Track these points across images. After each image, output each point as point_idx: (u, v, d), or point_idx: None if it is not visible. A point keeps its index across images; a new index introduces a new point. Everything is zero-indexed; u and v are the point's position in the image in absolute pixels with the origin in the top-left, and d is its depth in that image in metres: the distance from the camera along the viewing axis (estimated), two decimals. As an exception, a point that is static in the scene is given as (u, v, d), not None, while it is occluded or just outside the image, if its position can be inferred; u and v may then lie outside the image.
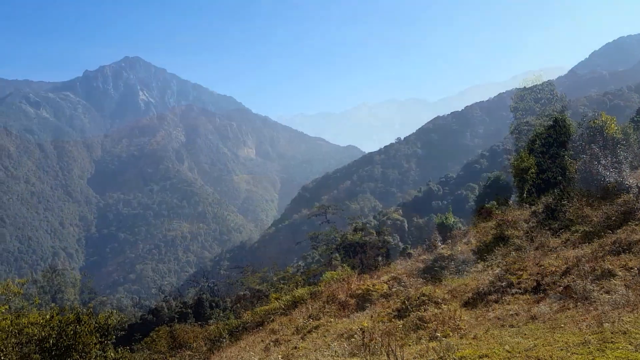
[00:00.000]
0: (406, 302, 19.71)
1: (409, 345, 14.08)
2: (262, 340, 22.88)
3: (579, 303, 15.19)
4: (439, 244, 33.75)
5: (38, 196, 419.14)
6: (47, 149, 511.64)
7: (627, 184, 27.37)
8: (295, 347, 17.65)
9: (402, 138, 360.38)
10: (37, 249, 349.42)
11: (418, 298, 19.51)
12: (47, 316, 18.49)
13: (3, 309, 17.08)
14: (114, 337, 20.01)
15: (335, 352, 14.73)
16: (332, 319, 21.60)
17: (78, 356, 17.44)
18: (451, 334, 15.08)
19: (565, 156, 45.42)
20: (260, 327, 28.17)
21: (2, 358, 15.15)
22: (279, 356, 16.09)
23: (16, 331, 16.94)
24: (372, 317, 19.72)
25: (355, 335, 16.06)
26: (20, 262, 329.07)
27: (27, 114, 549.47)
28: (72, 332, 17.79)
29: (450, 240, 33.85)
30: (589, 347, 11.33)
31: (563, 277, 17.98)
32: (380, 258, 57.21)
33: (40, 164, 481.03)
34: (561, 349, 11.53)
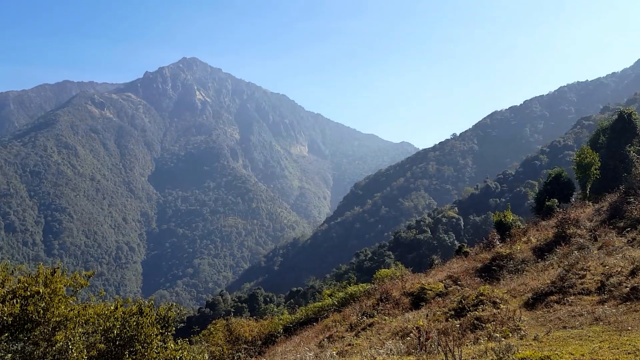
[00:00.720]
0: (463, 301, 19.29)
1: (467, 346, 13.77)
2: (316, 336, 23.02)
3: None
4: (497, 242, 32.86)
5: (103, 193, 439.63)
6: (111, 147, 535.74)
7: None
8: (350, 344, 17.64)
9: (458, 134, 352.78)
10: (102, 243, 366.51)
11: (475, 297, 19.05)
12: (112, 307, 19.26)
13: (71, 300, 17.92)
14: (173, 329, 20.63)
15: (391, 350, 14.59)
16: (386, 317, 21.46)
17: (140, 346, 18.08)
18: (510, 335, 14.66)
19: (631, 152, 43.08)
20: (314, 323, 28.36)
21: (71, 347, 15.91)
22: (334, 352, 16.11)
23: (83, 321, 17.74)
24: (427, 316, 19.43)
25: (411, 334, 15.86)
26: (86, 255, 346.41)
27: (92, 114, 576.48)
28: (134, 323, 18.46)
29: (508, 239, 32.90)
30: (661, 352, 10.72)
31: (630, 278, 17.17)
32: (435, 256, 56.27)
33: (105, 162, 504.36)
34: (628, 353, 10.96)
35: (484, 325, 16.23)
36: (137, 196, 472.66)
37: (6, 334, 15.64)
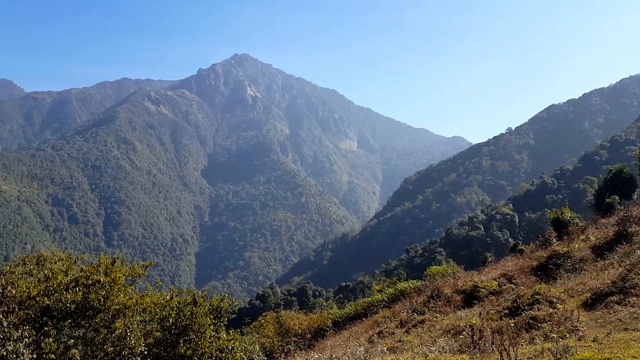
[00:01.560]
0: (518, 300, 18.75)
1: (522, 345, 13.39)
2: (366, 332, 22.99)
3: None
4: (554, 240, 31.71)
5: (159, 186, 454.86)
6: (166, 142, 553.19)
7: None
8: (400, 341, 17.50)
9: (513, 128, 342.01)
10: (158, 234, 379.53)
11: (531, 296, 18.48)
12: (167, 297, 19.94)
13: (130, 289, 18.63)
14: (226, 319, 21.09)
15: (443, 348, 14.36)
16: (437, 315, 21.17)
17: (194, 335, 18.63)
18: (568, 336, 14.14)
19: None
20: (363, 319, 28.33)
21: (129, 334, 16.56)
22: (384, 348, 16.03)
23: (140, 310, 18.46)
24: (480, 314, 19.00)
25: (464, 332, 15.57)
26: (143, 246, 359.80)
27: (149, 110, 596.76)
28: (189, 313, 19.04)
29: (566, 237, 31.69)
30: None
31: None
32: (488, 254, 54.94)
33: (160, 156, 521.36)
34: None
35: (539, 325, 15.74)
36: (190, 190, 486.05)
37: (69, 321, 16.45)
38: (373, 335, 20.51)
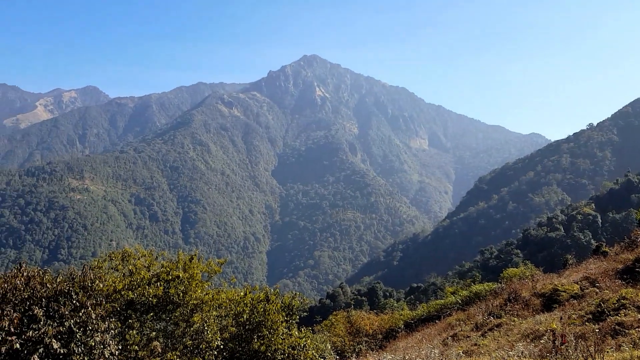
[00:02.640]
0: (602, 304, 17.67)
1: (608, 352, 12.59)
2: (439, 334, 22.53)
3: None
4: (643, 242, 29.57)
5: (232, 186, 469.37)
6: (238, 144, 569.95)
7: None
8: (476, 344, 17.01)
9: (595, 123, 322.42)
10: (232, 233, 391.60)
11: (617, 301, 17.35)
12: (241, 293, 20.53)
13: (206, 285, 19.34)
14: (297, 317, 21.39)
15: (522, 352, 13.80)
16: (515, 318, 20.38)
17: (267, 332, 19.06)
18: (660, 345, 13.13)
19: None
20: (436, 321, 27.79)
21: (206, 328, 17.21)
22: (460, 351, 15.63)
23: (216, 305, 19.13)
24: (561, 319, 18.08)
25: (544, 337, 14.89)
26: (218, 244, 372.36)
27: (222, 113, 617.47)
28: (262, 310, 19.52)
29: (656, 239, 29.45)
30: None
31: None
32: (568, 256, 52.20)
33: (233, 157, 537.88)
34: None
35: (626, 331, 14.75)
36: (261, 190, 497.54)
37: (151, 314, 17.31)
38: (447, 338, 20.05)
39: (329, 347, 24.90)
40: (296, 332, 20.22)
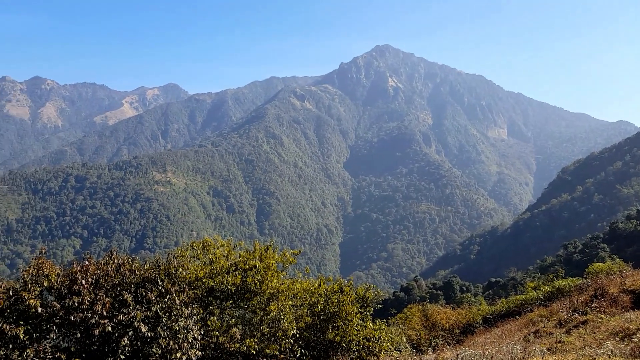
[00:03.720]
0: None
1: None
2: (520, 330, 21.64)
3: None
4: None
5: (304, 178, 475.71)
6: (310, 136, 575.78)
7: None
8: (560, 341, 16.13)
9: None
10: (305, 224, 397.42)
11: None
12: (316, 284, 20.73)
13: (282, 275, 19.70)
14: (372, 309, 21.28)
15: (612, 351, 12.91)
16: (602, 315, 19.16)
17: (342, 323, 19.13)
18: None
19: None
20: (516, 317, 26.74)
21: (282, 317, 17.54)
22: (543, 348, 14.88)
23: (292, 295, 19.45)
24: (656, 318, 16.74)
25: (636, 336, 13.85)
26: (291, 235, 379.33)
27: (294, 106, 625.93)
28: (336, 301, 19.61)
29: None
30: None
31: None
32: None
33: (305, 150, 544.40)
34: None
35: None
36: (334, 182, 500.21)
37: (230, 302, 17.88)
38: (529, 334, 19.18)
39: (404, 340, 24.60)
40: (371, 324, 20.14)
